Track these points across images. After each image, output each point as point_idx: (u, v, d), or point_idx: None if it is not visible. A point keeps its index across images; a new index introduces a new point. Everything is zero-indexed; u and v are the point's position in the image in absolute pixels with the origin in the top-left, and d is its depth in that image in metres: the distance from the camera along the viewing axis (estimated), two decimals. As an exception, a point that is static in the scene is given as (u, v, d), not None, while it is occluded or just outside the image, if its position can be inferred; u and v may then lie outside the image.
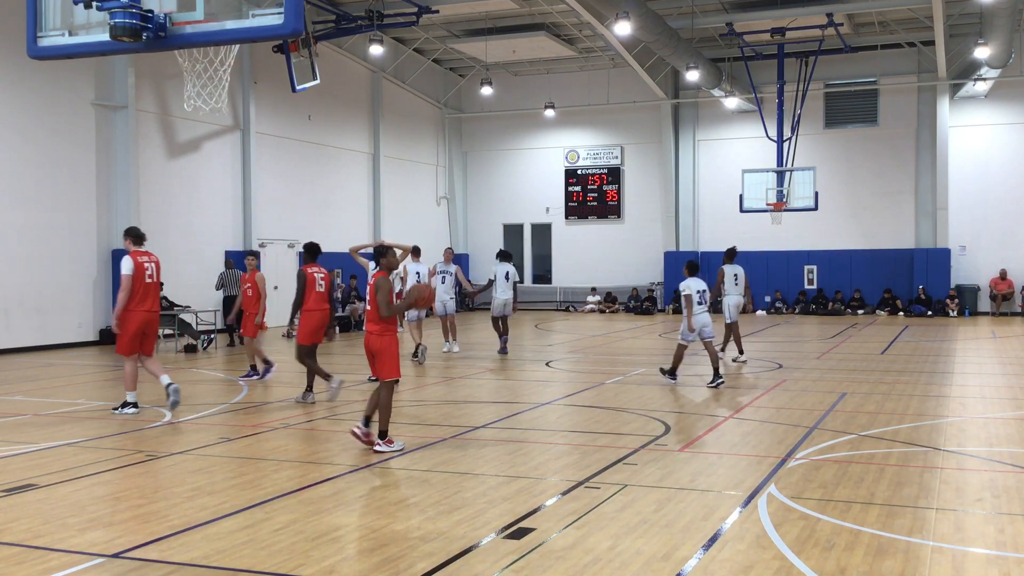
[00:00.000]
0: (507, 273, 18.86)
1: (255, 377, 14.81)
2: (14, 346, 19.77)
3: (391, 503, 7.31)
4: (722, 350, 16.56)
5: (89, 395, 13.52)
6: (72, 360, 18.47)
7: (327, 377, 11.97)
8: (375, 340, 9.24)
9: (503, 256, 19.35)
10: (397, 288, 20.72)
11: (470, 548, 6.09)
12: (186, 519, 6.83)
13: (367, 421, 9.33)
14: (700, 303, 13.88)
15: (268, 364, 14.85)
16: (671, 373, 14.13)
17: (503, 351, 18.79)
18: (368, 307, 9.34)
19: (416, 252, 17.93)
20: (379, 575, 5.62)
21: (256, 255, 16.13)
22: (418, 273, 18.39)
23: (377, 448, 9.12)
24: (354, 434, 9.31)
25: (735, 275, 16.91)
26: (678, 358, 14.15)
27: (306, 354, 12.32)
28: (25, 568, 5.79)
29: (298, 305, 12.33)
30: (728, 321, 16.94)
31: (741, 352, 17.04)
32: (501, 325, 19.02)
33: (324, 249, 13.75)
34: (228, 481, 8.08)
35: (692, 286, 13.81)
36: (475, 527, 6.56)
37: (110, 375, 16.46)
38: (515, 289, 19.01)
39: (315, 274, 12.42)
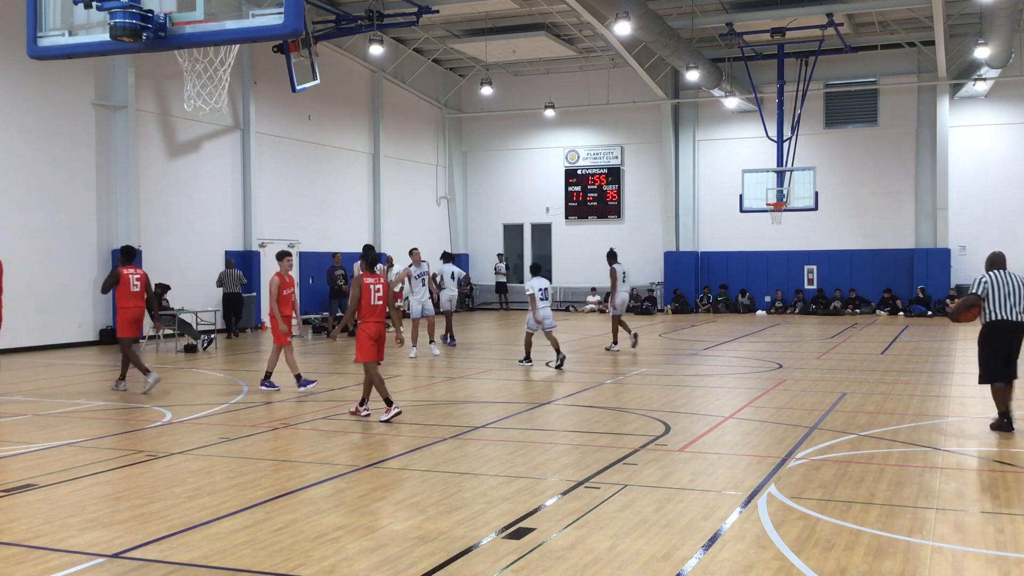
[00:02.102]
0: (452, 272, 20.98)
1: (302, 388, 13.47)
2: (14, 346, 19.76)
3: (391, 503, 7.31)
4: (615, 342, 19.29)
5: (89, 395, 13.51)
6: (72, 360, 18.47)
7: (145, 371, 13.36)
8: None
9: (447, 257, 21.81)
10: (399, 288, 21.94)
11: (470, 548, 6.09)
12: (186, 519, 6.83)
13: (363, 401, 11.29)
14: (543, 299, 16.29)
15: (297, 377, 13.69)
16: (526, 359, 16.64)
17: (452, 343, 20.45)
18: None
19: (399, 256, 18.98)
20: (379, 575, 5.62)
21: (288, 255, 14.33)
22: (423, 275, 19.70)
23: (381, 419, 10.81)
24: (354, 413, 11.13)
25: (623, 273, 19.30)
26: (528, 345, 16.70)
27: (126, 346, 13.75)
28: (25, 568, 5.79)
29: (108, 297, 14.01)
30: (614, 314, 19.30)
31: (616, 342, 19.35)
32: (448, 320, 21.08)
33: (323, 249, 13.87)
34: (228, 481, 8.08)
35: (536, 285, 16.25)
36: (475, 527, 6.56)
37: (110, 375, 16.47)
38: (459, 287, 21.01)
39: (130, 275, 13.87)
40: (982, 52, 25.88)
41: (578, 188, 35.10)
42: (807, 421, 10.75)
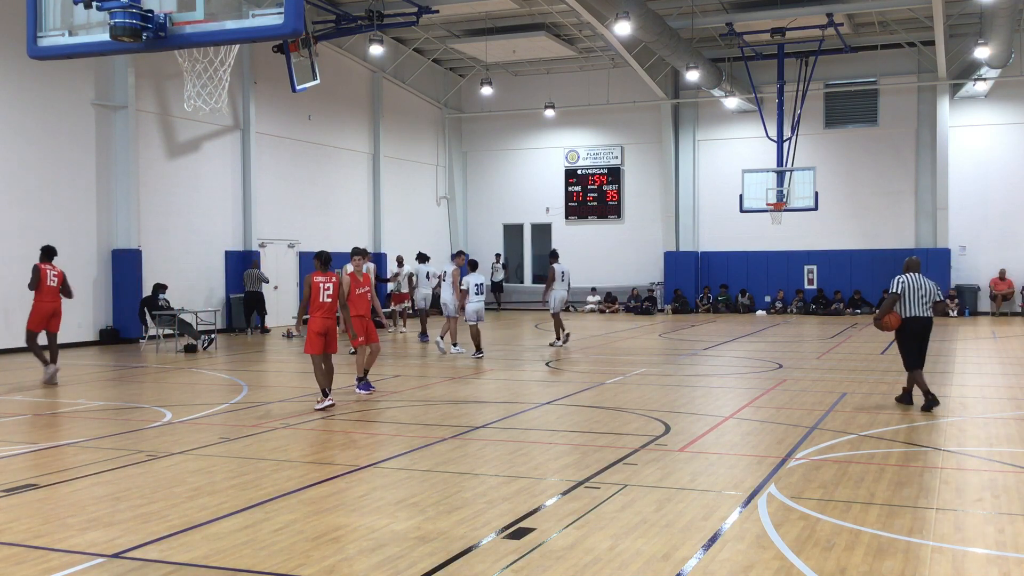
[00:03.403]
0: (427, 272, 22.51)
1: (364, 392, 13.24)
2: (14, 346, 19.75)
3: (391, 503, 7.31)
4: (559, 338, 20.10)
5: (89, 395, 13.52)
6: (72, 360, 18.47)
7: (45, 363, 14.55)
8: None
9: (421, 258, 23.12)
10: (404, 288, 24.12)
11: (470, 548, 6.09)
12: (186, 519, 6.83)
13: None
14: (477, 294, 17.97)
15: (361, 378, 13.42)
16: (477, 350, 17.89)
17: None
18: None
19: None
20: (379, 575, 5.62)
21: (364, 254, 13.53)
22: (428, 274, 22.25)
23: (316, 407, 11.72)
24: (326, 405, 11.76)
25: (562, 272, 20.23)
26: (475, 336, 18.01)
27: (31, 338, 14.88)
28: (25, 568, 5.79)
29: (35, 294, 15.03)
30: (552, 311, 20.33)
31: (559, 338, 20.13)
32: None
33: (323, 249, 13.87)
34: (228, 481, 8.08)
35: (471, 280, 18.01)
36: (475, 527, 6.56)
37: (110, 375, 16.48)
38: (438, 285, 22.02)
39: (48, 271, 15.04)
40: (982, 52, 25.89)
41: (578, 188, 35.10)
42: (807, 421, 10.75)
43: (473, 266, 19.06)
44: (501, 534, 6.39)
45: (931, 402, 11.39)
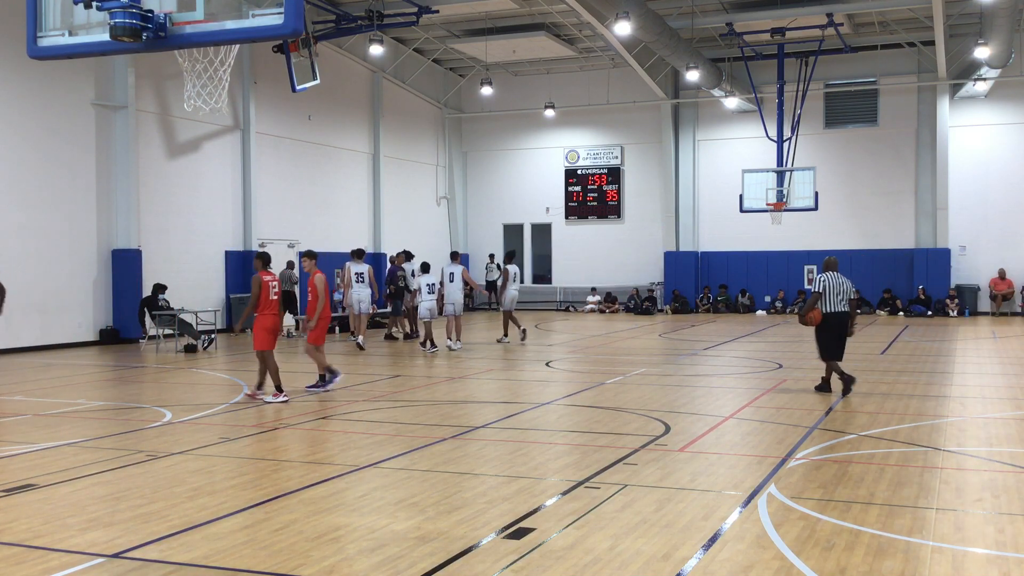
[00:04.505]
0: (412, 271, 22.57)
1: (320, 389, 13.38)
2: (14, 346, 19.77)
3: (391, 503, 7.31)
4: (506, 335, 21.11)
5: (89, 395, 13.52)
6: (72, 360, 18.47)
7: None
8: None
9: (407, 256, 23.48)
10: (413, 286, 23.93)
11: (470, 548, 6.09)
12: (186, 519, 6.83)
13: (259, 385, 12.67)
14: (430, 293, 19.54)
15: (333, 373, 13.56)
16: (430, 344, 19.18)
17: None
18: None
19: (360, 254, 21.02)
20: (379, 575, 5.62)
21: (312, 256, 13.93)
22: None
23: (267, 400, 12.27)
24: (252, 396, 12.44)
25: (515, 273, 21.38)
26: (427, 332, 19.32)
27: None
28: (25, 568, 5.79)
29: None
30: (504, 309, 21.23)
31: (506, 334, 21.18)
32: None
33: (323, 249, 14.01)
34: (228, 481, 8.08)
35: (423, 281, 19.67)
36: (475, 527, 6.56)
37: (110, 375, 16.48)
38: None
39: None
40: (982, 52, 25.88)
41: (578, 188, 35.10)
42: (807, 421, 10.75)
43: (425, 268, 20.50)
44: (501, 534, 6.38)
45: (848, 383, 12.57)
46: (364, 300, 20.62)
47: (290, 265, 24.58)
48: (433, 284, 19.74)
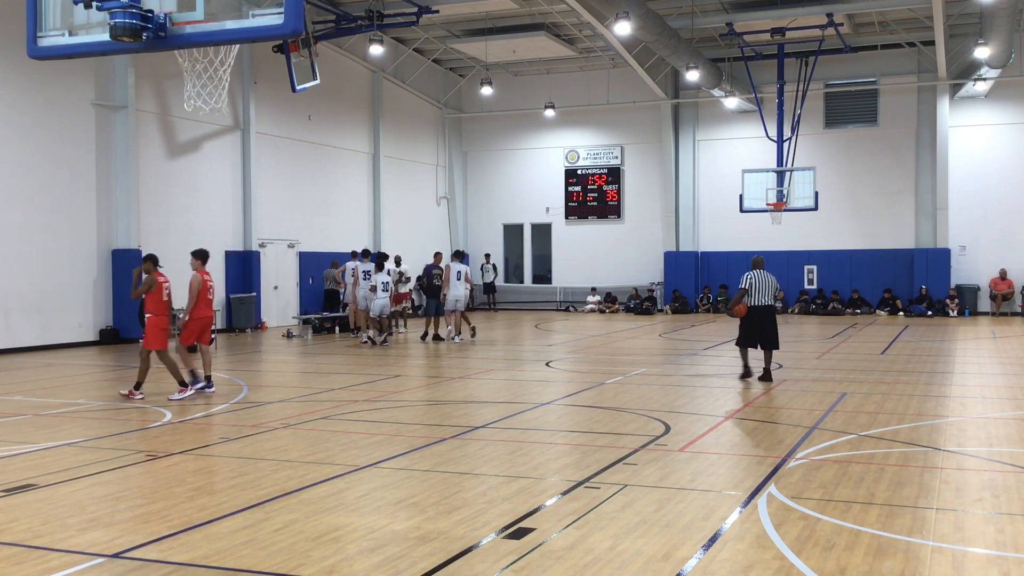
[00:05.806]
0: (388, 271, 22.78)
1: (189, 392, 12.92)
2: (14, 346, 19.77)
3: (391, 503, 7.31)
4: (458, 333, 21.48)
5: (89, 395, 13.52)
6: (72, 360, 18.47)
7: None
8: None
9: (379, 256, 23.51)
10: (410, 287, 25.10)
11: (470, 548, 6.09)
12: (186, 519, 6.83)
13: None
14: (384, 291, 20.63)
15: (195, 377, 13.26)
16: (383, 341, 20.54)
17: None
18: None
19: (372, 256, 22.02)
20: (379, 575, 5.62)
21: (203, 256, 13.79)
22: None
23: (171, 397, 12.59)
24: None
25: (458, 272, 21.25)
26: (385, 327, 20.91)
27: None
28: (25, 568, 5.79)
29: None
30: (450, 310, 21.36)
31: (458, 333, 21.54)
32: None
33: (323, 248, 14.13)
34: (228, 481, 8.08)
35: (379, 279, 20.68)
36: (475, 527, 6.56)
37: (110, 375, 16.48)
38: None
39: None
40: (982, 52, 25.88)
41: (578, 188, 35.10)
42: (807, 421, 10.75)
43: (380, 267, 21.15)
44: (501, 534, 6.38)
45: (767, 373, 14.15)
46: (376, 299, 20.96)
47: (333, 264, 25.08)
48: (387, 283, 20.74)
